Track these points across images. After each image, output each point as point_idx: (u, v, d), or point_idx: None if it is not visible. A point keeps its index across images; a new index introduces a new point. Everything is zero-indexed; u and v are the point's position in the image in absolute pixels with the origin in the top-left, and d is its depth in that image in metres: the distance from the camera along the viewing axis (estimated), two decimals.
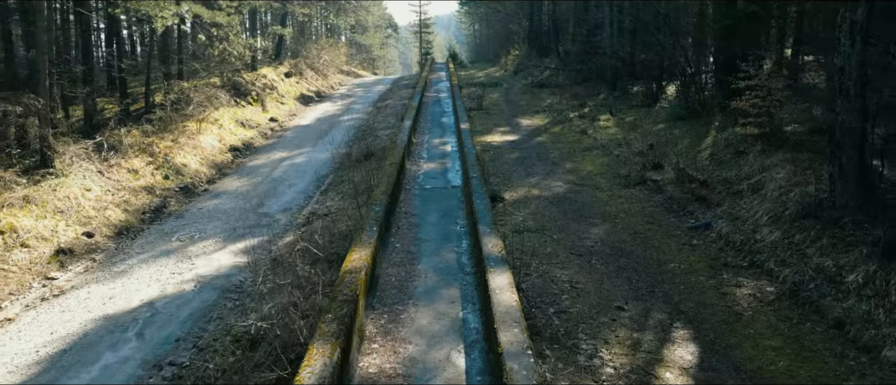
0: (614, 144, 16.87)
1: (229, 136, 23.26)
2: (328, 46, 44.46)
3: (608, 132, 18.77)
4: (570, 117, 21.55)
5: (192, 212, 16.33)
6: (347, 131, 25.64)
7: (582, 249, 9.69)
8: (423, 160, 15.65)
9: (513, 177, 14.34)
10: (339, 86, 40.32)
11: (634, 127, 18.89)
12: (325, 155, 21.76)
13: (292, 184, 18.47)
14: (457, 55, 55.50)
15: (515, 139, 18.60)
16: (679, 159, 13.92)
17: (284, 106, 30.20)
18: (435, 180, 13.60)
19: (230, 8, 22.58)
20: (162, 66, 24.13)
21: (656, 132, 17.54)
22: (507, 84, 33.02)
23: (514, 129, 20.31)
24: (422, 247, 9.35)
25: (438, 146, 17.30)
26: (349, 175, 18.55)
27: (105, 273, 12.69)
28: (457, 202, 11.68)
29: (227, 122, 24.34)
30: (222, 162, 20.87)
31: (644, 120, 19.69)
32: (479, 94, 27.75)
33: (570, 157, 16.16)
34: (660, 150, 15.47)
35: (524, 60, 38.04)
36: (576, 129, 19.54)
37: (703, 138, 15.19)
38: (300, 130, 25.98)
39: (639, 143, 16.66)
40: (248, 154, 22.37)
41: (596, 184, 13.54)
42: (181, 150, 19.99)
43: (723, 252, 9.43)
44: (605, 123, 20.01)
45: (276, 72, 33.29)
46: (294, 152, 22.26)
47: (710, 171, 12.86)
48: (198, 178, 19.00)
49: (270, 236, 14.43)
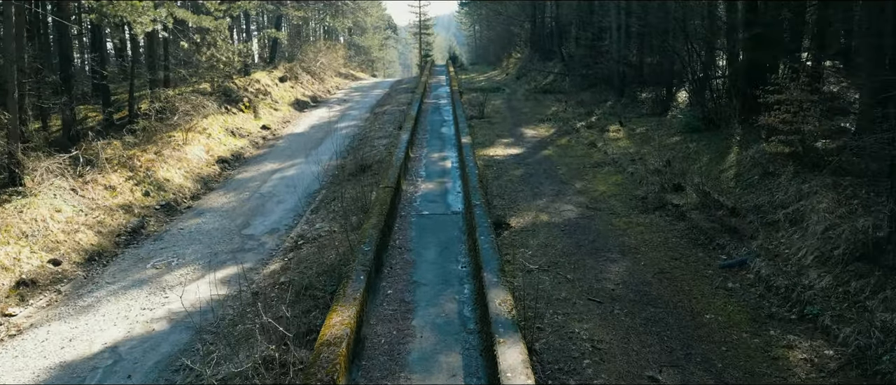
0: (627, 160, 15.56)
1: (218, 146, 21.94)
2: (325, 49, 43.11)
3: (619, 145, 17.45)
4: (576, 127, 20.23)
5: (172, 233, 15.02)
6: (342, 140, 24.32)
7: (602, 294, 8.39)
8: (421, 179, 14.33)
9: (519, 198, 13.03)
10: (336, 90, 38.99)
11: (647, 139, 17.57)
12: (318, 167, 20.45)
13: (281, 200, 17.16)
14: (457, 58, 54.12)
15: (520, 152, 17.28)
16: (701, 180, 12.60)
17: (278, 112, 28.88)
18: (434, 204, 12.30)
19: (218, 12, 21.25)
20: (148, 73, 22.81)
21: (671, 146, 16.23)
22: (510, 89, 31.69)
23: (519, 141, 18.99)
24: (417, 293, 8.06)
25: (437, 162, 16.00)
26: (342, 191, 17.25)
27: (69, 308, 11.40)
28: (458, 233, 10.38)
29: (216, 131, 23.02)
30: (209, 175, 19.55)
31: (656, 131, 18.37)
32: (481, 100, 26.43)
33: (580, 175, 14.84)
34: (678, 167, 14.16)
35: (526, 64, 36.68)
36: (584, 142, 18.22)
37: (725, 155, 13.87)
38: (293, 139, 24.67)
39: (654, 158, 15.35)
40: (238, 166, 21.06)
41: (610, 208, 12.23)
42: (165, 163, 18.67)
43: (765, 300, 8.13)
44: (614, 135, 18.69)
45: (270, 76, 31.96)
46: (285, 164, 20.95)
47: (738, 195, 11.55)
48: (181, 193, 17.68)
49: (254, 263, 13.15)
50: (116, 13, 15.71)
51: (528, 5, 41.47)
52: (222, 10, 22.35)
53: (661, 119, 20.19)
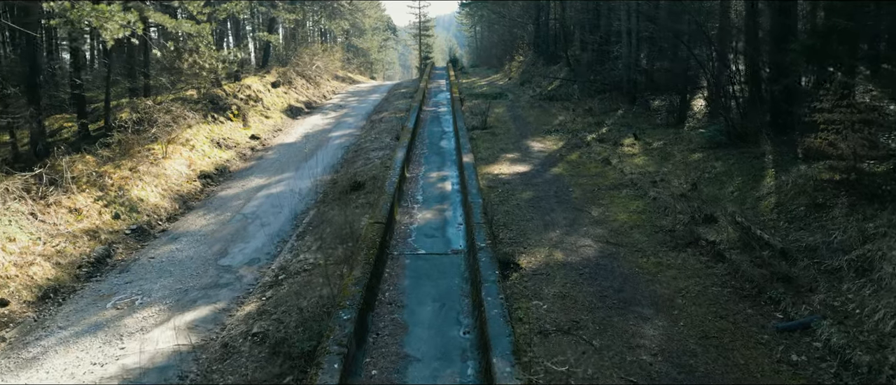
0: (647, 181, 13.87)
1: (201, 159, 20.27)
2: (322, 52, 41.44)
3: (635, 162, 15.77)
4: (587, 140, 18.54)
5: (141, 263, 13.36)
6: (336, 152, 22.67)
7: (637, 371, 6.73)
8: (418, 206, 12.65)
9: (528, 229, 11.35)
10: (332, 94, 37.31)
11: (666, 156, 15.90)
12: (308, 182, 18.79)
13: (265, 222, 15.50)
14: (458, 60, 52.40)
15: (527, 170, 15.60)
16: (737, 210, 10.94)
17: (269, 120, 27.20)
18: (431, 241, 10.63)
19: (201, 15, 19.58)
20: (128, 81, 21.16)
21: (694, 164, 14.56)
22: (513, 95, 29.99)
23: (525, 156, 17.30)
24: (408, 372, 6.41)
25: (436, 183, 14.33)
26: (331, 213, 15.61)
27: (11, 361, 9.76)
28: (459, 281, 8.73)
29: (201, 143, 21.36)
30: (189, 192, 17.88)
31: (675, 146, 16.70)
32: (483, 108, 24.74)
33: (596, 199, 13.15)
34: (706, 192, 12.49)
35: (530, 68, 34.97)
36: (597, 158, 16.53)
37: (760, 178, 12.20)
38: (284, 150, 23.00)
39: (677, 179, 13.68)
40: (222, 181, 19.38)
41: (635, 243, 10.55)
42: (140, 180, 17.01)
43: (842, 380, 6.49)
44: (629, 150, 17.01)
45: (261, 81, 30.29)
46: (273, 179, 19.28)
47: (784, 231, 9.88)
48: (156, 215, 16.01)
49: (228, 302, 11.50)
50: (81, 18, 14.03)
51: (531, 6, 39.75)
52: (206, 14, 20.69)
53: (678, 131, 18.51)
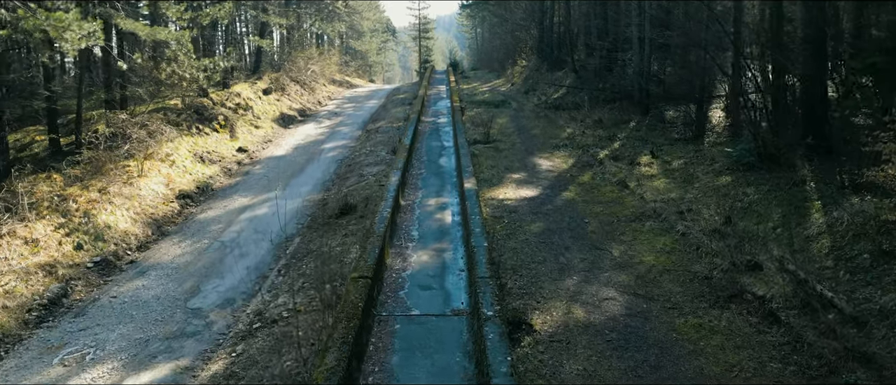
0: (672, 210, 12.21)
1: (181, 176, 18.62)
2: (318, 56, 39.79)
3: (655, 186, 14.12)
4: (599, 158, 16.88)
5: (101, 304, 11.72)
6: (328, 166, 21.02)
7: None
8: (413, 245, 10.96)
9: (541, 274, 9.71)
10: (328, 100, 35.65)
11: (688, 177, 14.25)
12: (296, 203, 17.15)
13: (245, 253, 13.86)
14: (458, 64, 50.66)
15: (536, 195, 13.94)
16: (784, 254, 9.30)
17: (259, 130, 25.56)
18: (428, 294, 8.97)
19: (182, 21, 17.94)
20: (103, 92, 19.53)
21: (723, 190, 12.91)
22: (516, 103, 28.31)
23: (532, 176, 15.64)
24: None
25: (435, 212, 12.67)
26: (318, 243, 13.98)
27: None
28: (460, 356, 7.08)
29: (182, 157, 19.71)
30: (165, 215, 16.24)
31: (697, 166, 15.05)
32: (485, 119, 23.10)
33: (616, 233, 11.49)
34: (743, 227, 10.84)
35: (533, 73, 33.29)
36: (612, 179, 14.87)
37: (804, 212, 10.55)
38: (272, 164, 21.35)
39: (706, 208, 12.03)
40: (202, 201, 17.73)
41: (667, 294, 8.90)
42: (110, 203, 15.36)
43: None
44: (647, 170, 15.36)
45: (252, 88, 28.63)
46: (258, 198, 17.64)
47: (846, 284, 8.24)
48: (125, 243, 14.37)
49: (192, 359, 9.88)
50: (36, 28, 12.40)
51: (535, 8, 38.07)
52: (187, 19, 19.05)
53: (697, 147, 16.86)
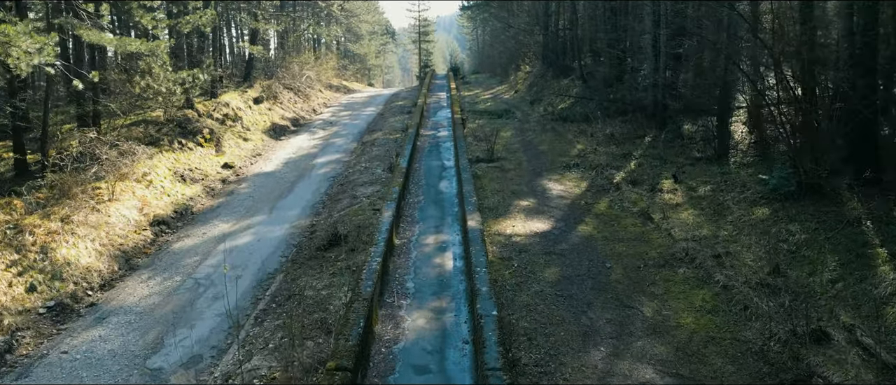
0: (706, 252, 10.53)
1: (158, 198, 16.96)
2: (314, 61, 38.12)
3: (682, 218, 12.45)
4: (615, 181, 15.21)
5: (48, 362, 10.06)
6: (319, 184, 19.36)
7: None
8: (407, 304, 9.24)
9: (560, 342, 8.04)
10: (324, 108, 33.98)
11: (719, 209, 12.58)
12: (281, 230, 15.49)
13: (220, 293, 12.15)
14: (459, 69, 48.88)
15: (548, 229, 12.25)
16: (853, 319, 7.64)
17: (248, 143, 23.89)
18: (423, 379, 7.28)
19: (159, 30, 16.26)
20: (74, 107, 17.88)
21: (762, 226, 11.24)
22: (521, 113, 26.61)
23: (542, 204, 13.96)
24: None
25: (433, 255, 10.96)
26: (302, 282, 12.31)
27: None
28: None
29: (161, 177, 18.05)
30: (136, 246, 14.56)
31: (727, 193, 13.38)
32: (488, 132, 21.44)
33: (645, 283, 9.81)
34: (793, 277, 9.18)
35: (538, 80, 31.60)
36: (632, 209, 13.20)
37: (865, 260, 8.89)
38: (260, 182, 19.68)
39: (746, 251, 10.36)
40: (180, 226, 16.07)
41: (717, 376, 7.23)
42: (73, 233, 13.69)
43: None
44: (671, 197, 13.69)
45: (242, 97, 26.96)
46: (241, 224, 15.98)
47: None
48: (86, 282, 12.71)
49: None
50: None
51: (539, 9, 36.32)
52: (167, 25, 17.41)
53: (723, 169, 15.18)
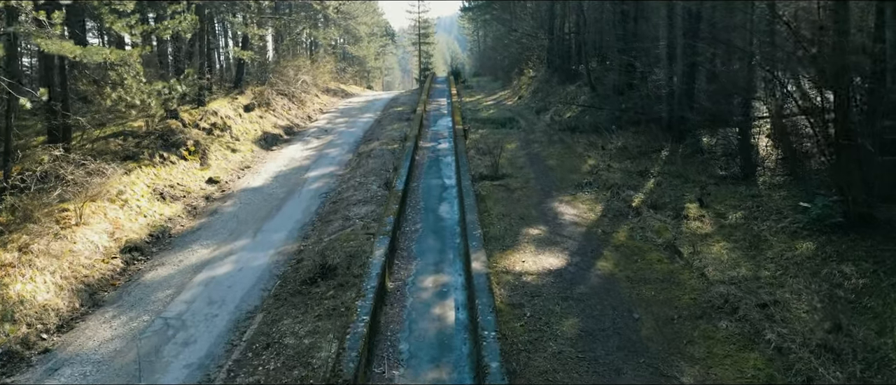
0: (749, 300, 8.99)
1: (133, 220, 15.43)
2: (309, 64, 36.62)
3: (715, 253, 10.91)
4: (634, 203, 13.67)
5: None
6: (310, 202, 17.83)
7: None
8: (399, 373, 7.59)
9: None
10: (319, 114, 32.43)
11: (755, 241, 11.05)
12: (265, 257, 13.95)
13: (190, 339, 10.64)
14: (459, 73, 47.27)
15: (563, 266, 10.71)
16: None
17: (236, 155, 22.36)
18: None
19: (135, 36, 14.78)
20: (44, 119, 16.40)
21: (809, 266, 9.72)
22: (525, 121, 25.06)
23: (554, 232, 12.42)
24: None
25: (432, 304, 9.36)
26: (284, 326, 10.79)
27: None
28: None
29: (138, 195, 16.53)
30: (103, 277, 13.02)
31: (762, 221, 11.85)
32: (492, 143, 19.92)
33: (681, 342, 8.25)
34: (859, 335, 7.67)
35: (543, 86, 30.04)
36: (656, 240, 11.65)
37: None
38: (246, 199, 18.16)
39: (795, 298, 8.85)
40: (154, 253, 14.53)
41: None
42: (31, 265, 12.16)
43: None
44: (698, 225, 12.16)
45: (232, 105, 25.44)
46: (222, 249, 14.46)
47: None
48: (42, 322, 11.18)
49: None
50: None
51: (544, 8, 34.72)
52: (144, 32, 15.89)
53: (752, 192, 13.65)
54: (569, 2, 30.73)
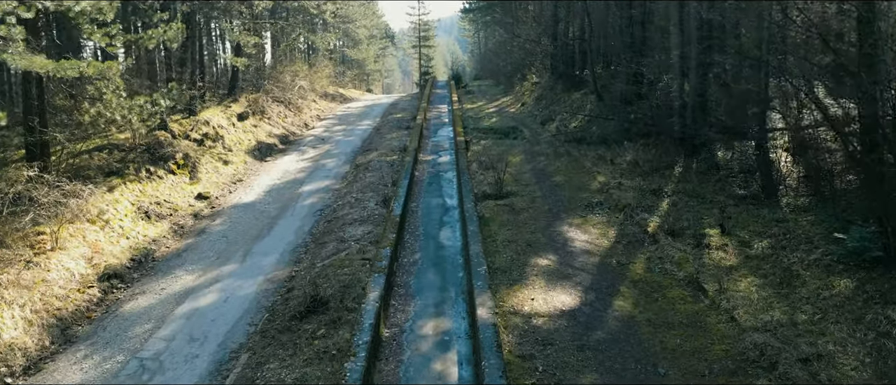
0: (791, 357, 7.94)
1: (114, 243, 14.43)
2: (306, 69, 35.60)
3: (743, 291, 9.90)
4: (649, 229, 12.66)
5: None
6: (303, 220, 16.81)
7: None
8: None
9: None
10: (316, 121, 31.43)
11: (787, 278, 10.05)
12: (254, 285, 12.90)
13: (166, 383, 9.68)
14: (461, 78, 46.20)
15: (576, 306, 9.70)
16: None
17: (228, 167, 21.36)
18: None
19: (113, 48, 13.77)
20: (22, 136, 15.42)
21: (851, 309, 8.72)
22: (529, 131, 24.05)
23: (565, 262, 11.41)
24: None
25: (432, 358, 8.16)
26: (267, 373, 9.79)
27: None
28: None
29: (122, 214, 15.53)
30: (77, 309, 12.01)
31: (790, 252, 10.84)
32: (495, 156, 18.93)
33: None
34: None
35: (547, 93, 29.02)
36: (677, 275, 10.64)
37: None
38: (237, 216, 17.15)
39: (840, 350, 7.87)
40: (136, 279, 13.51)
41: None
42: None
43: None
44: (721, 256, 11.15)
45: (225, 114, 24.44)
46: (208, 276, 13.45)
47: None
48: (7, 365, 10.18)
49: None
50: None
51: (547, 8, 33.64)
52: (127, 41, 14.90)
53: (777, 215, 12.64)
54: (574, 1, 29.71)
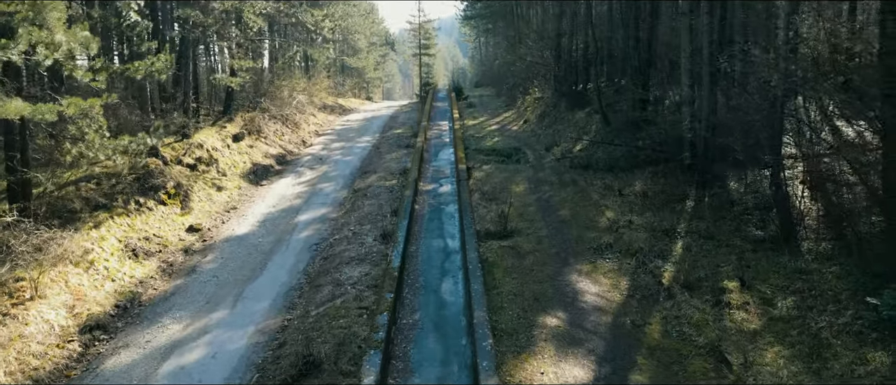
0: None
1: (99, 286, 13.64)
2: (305, 82, 34.80)
3: (770, 364, 9.10)
4: (663, 279, 11.87)
5: None
6: (298, 257, 15.99)
7: None
8: None
9: None
10: (314, 138, 30.64)
11: (816, 347, 9.27)
12: (244, 338, 12.08)
13: None
14: (462, 90, 45.35)
15: (588, 380, 8.95)
16: None
17: (221, 193, 20.57)
18: None
19: (97, 82, 12.99)
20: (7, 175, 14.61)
21: None
22: (534, 154, 23.24)
23: (576, 325, 10.61)
24: None
25: None
26: None
27: None
28: None
29: (108, 253, 14.74)
30: (56, 368, 11.22)
31: (816, 313, 10.06)
32: (498, 185, 18.18)
33: None
34: None
35: (550, 110, 28.20)
36: (696, 341, 9.86)
37: None
38: (229, 253, 16.34)
39: None
40: (120, 329, 12.71)
41: None
42: None
43: None
44: (742, 316, 10.37)
45: (220, 135, 23.65)
46: (196, 325, 12.65)
47: None
48: None
49: None
50: None
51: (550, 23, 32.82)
52: (114, 73, 14.13)
53: (798, 263, 11.85)
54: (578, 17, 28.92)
